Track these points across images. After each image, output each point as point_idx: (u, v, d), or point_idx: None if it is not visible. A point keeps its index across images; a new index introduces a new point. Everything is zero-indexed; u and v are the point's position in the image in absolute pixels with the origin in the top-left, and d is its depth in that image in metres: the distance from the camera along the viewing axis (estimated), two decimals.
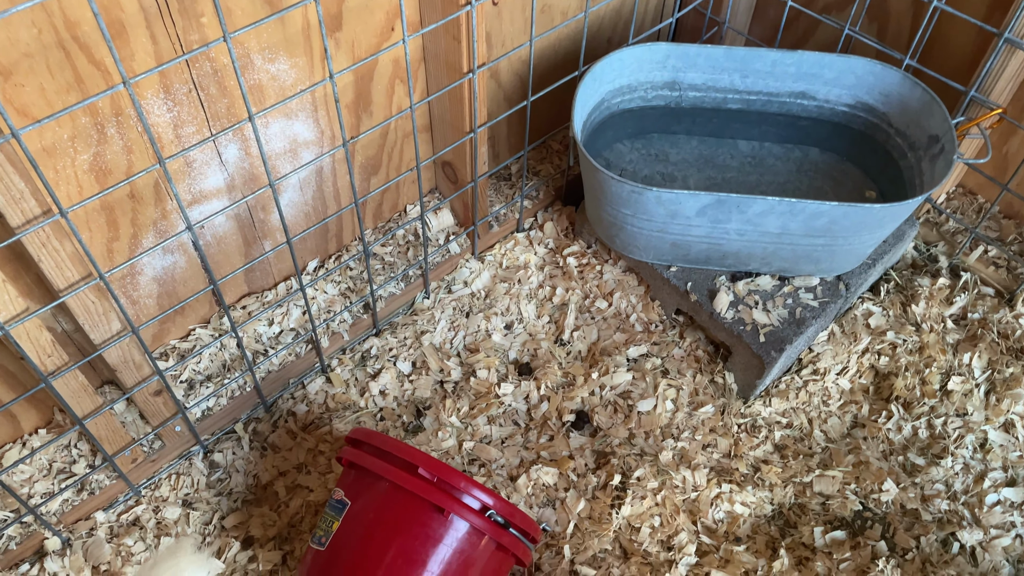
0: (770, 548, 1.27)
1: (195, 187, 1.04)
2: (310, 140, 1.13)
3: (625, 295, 1.44)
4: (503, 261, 1.48)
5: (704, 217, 1.20)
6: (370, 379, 1.35)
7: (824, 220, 1.18)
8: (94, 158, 0.92)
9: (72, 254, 0.86)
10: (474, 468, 1.29)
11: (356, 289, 1.34)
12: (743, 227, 1.22)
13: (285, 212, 1.19)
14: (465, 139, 1.19)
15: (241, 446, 1.27)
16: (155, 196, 1.00)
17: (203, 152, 1.01)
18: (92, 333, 0.94)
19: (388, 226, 1.39)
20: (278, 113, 1.06)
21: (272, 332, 1.27)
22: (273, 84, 1.02)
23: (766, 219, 1.19)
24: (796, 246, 1.25)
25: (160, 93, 0.92)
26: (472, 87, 1.13)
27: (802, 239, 1.23)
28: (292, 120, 1.08)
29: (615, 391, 1.36)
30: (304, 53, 1.02)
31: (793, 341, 1.27)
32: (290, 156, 1.12)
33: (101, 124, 0.89)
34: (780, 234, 1.22)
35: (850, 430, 1.38)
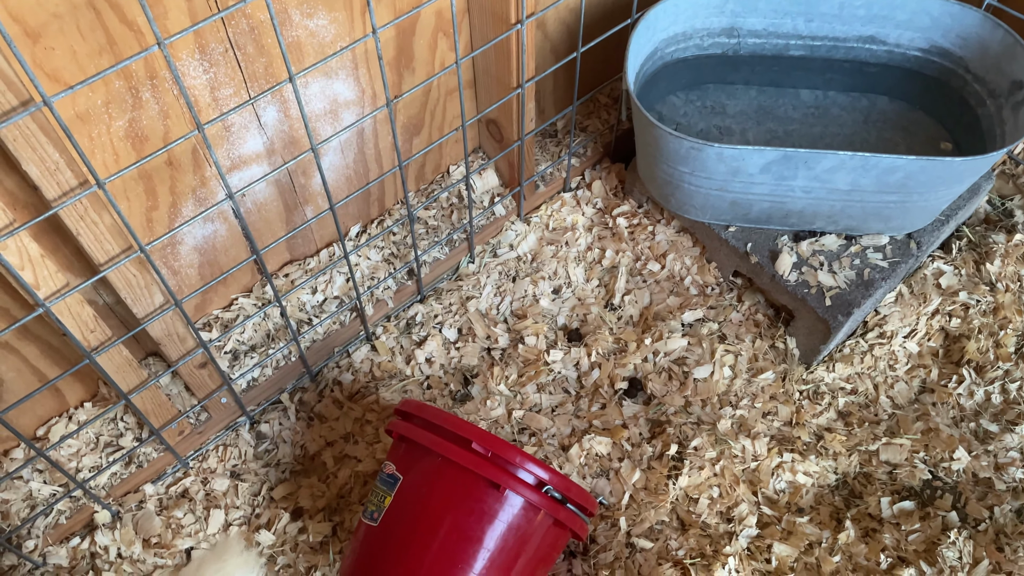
0: (834, 519, 1.22)
1: (234, 152, 0.99)
2: (351, 100, 1.07)
3: (679, 257, 1.38)
4: (550, 223, 1.42)
5: (768, 174, 1.13)
6: (416, 347, 1.31)
7: (899, 175, 1.10)
8: (129, 124, 0.87)
9: (111, 226, 0.82)
10: (524, 437, 1.25)
11: (400, 255, 1.29)
12: (810, 184, 1.14)
13: (327, 176, 1.14)
14: (512, 95, 1.13)
15: (287, 416, 1.25)
16: (193, 163, 0.96)
17: (241, 116, 0.96)
18: (135, 307, 0.91)
19: (431, 188, 1.34)
20: (318, 72, 1.00)
21: (316, 300, 1.23)
22: (312, 41, 0.96)
23: (835, 175, 1.12)
24: (866, 203, 1.17)
25: (196, 54, 0.87)
26: (520, 39, 1.06)
27: (873, 196, 1.15)
28: (332, 79, 1.03)
29: (669, 357, 1.30)
30: (344, 7, 0.96)
31: (861, 304, 1.20)
32: (331, 117, 1.07)
33: (136, 88, 0.85)
34: (850, 191, 1.15)
35: (918, 396, 1.32)
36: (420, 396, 1.28)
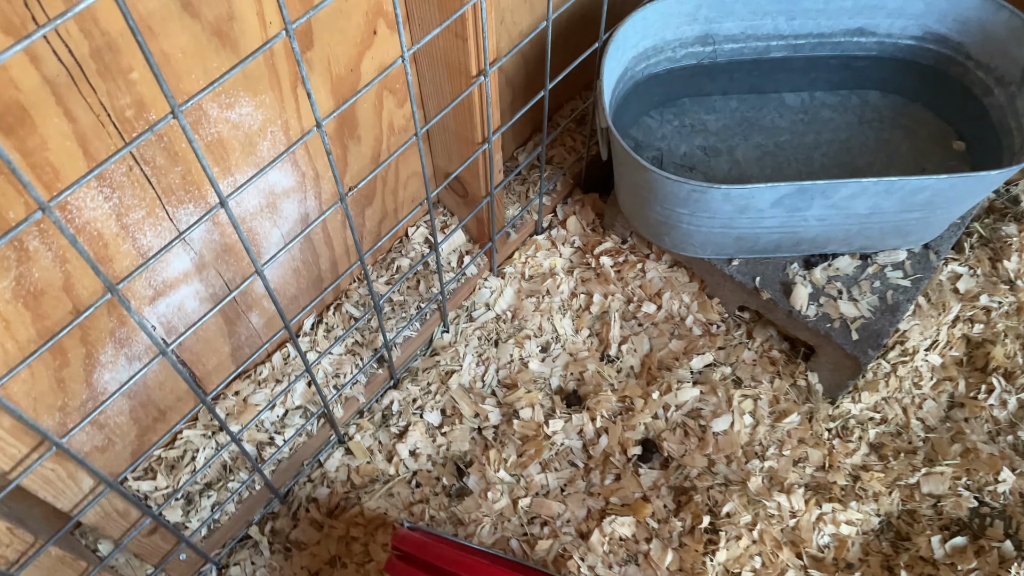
0: (886, 569, 1.11)
1: (156, 279, 0.80)
2: (290, 187, 0.88)
3: (676, 295, 1.23)
4: (526, 271, 1.26)
5: (780, 207, 0.99)
6: (396, 440, 1.13)
7: (926, 195, 0.97)
8: (17, 282, 0.67)
9: (12, 427, 0.62)
10: (536, 528, 1.10)
11: (365, 341, 1.11)
12: (826, 212, 1.01)
13: (271, 275, 0.95)
14: (478, 153, 0.95)
15: (260, 552, 1.06)
16: (107, 304, 0.76)
17: (161, 235, 0.77)
18: (59, 502, 0.71)
19: (389, 258, 1.15)
20: (248, 165, 0.81)
21: (276, 416, 1.04)
22: (236, 134, 0.77)
23: (855, 201, 0.98)
24: (885, 224, 1.04)
25: (92, 183, 0.67)
26: (483, 92, 0.88)
27: (894, 216, 1.02)
28: (267, 170, 0.84)
29: (682, 411, 1.17)
30: (270, 87, 0.77)
31: (890, 333, 1.08)
32: (269, 212, 0.88)
33: (20, 240, 0.65)
34: (869, 215, 1.02)
35: (948, 412, 1.21)
36: (409, 497, 1.11)
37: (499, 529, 1.10)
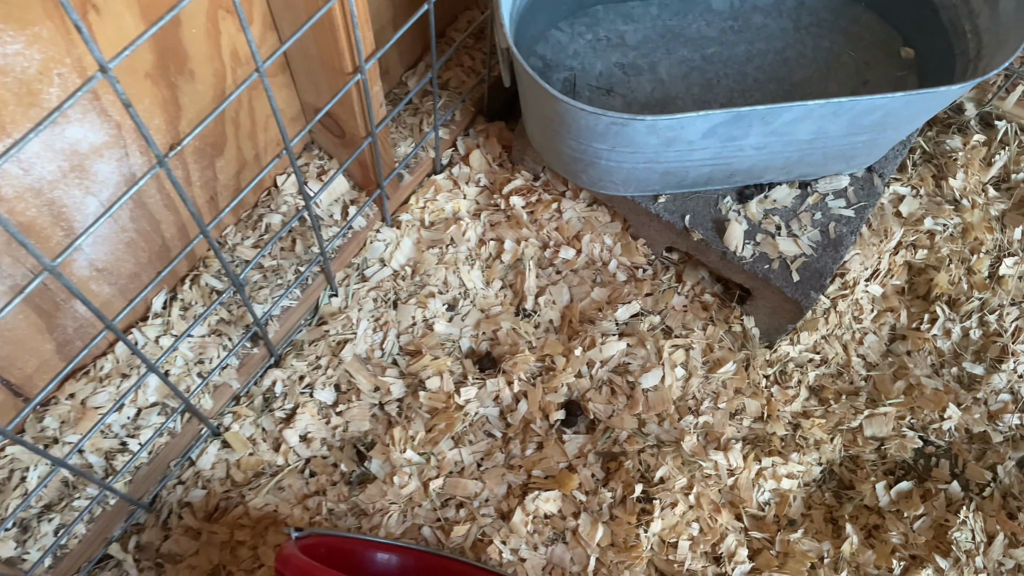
0: (830, 522, 1.03)
1: None
2: (101, 144, 0.69)
3: (597, 237, 1.09)
4: (425, 217, 1.09)
5: (713, 138, 0.84)
6: (283, 426, 0.98)
7: (877, 115, 0.84)
8: None
9: None
10: (451, 512, 0.97)
11: (235, 316, 0.93)
12: (764, 140, 0.86)
13: (95, 252, 0.76)
14: (350, 84, 0.77)
15: (123, 572, 0.90)
16: None
17: None
18: None
19: (257, 214, 0.96)
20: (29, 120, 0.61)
21: (126, 417, 0.87)
22: (5, 81, 0.57)
23: (798, 126, 0.84)
24: (829, 148, 0.91)
25: None
26: (346, 8, 0.69)
27: (840, 140, 0.89)
28: (63, 124, 0.64)
29: (608, 367, 1.04)
30: (47, 15, 0.56)
31: (833, 271, 0.97)
32: (77, 177, 0.68)
33: None
34: (812, 140, 0.88)
35: (889, 346, 1.12)
36: (302, 490, 0.97)
37: (409, 517, 0.97)
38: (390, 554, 0.92)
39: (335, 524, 0.96)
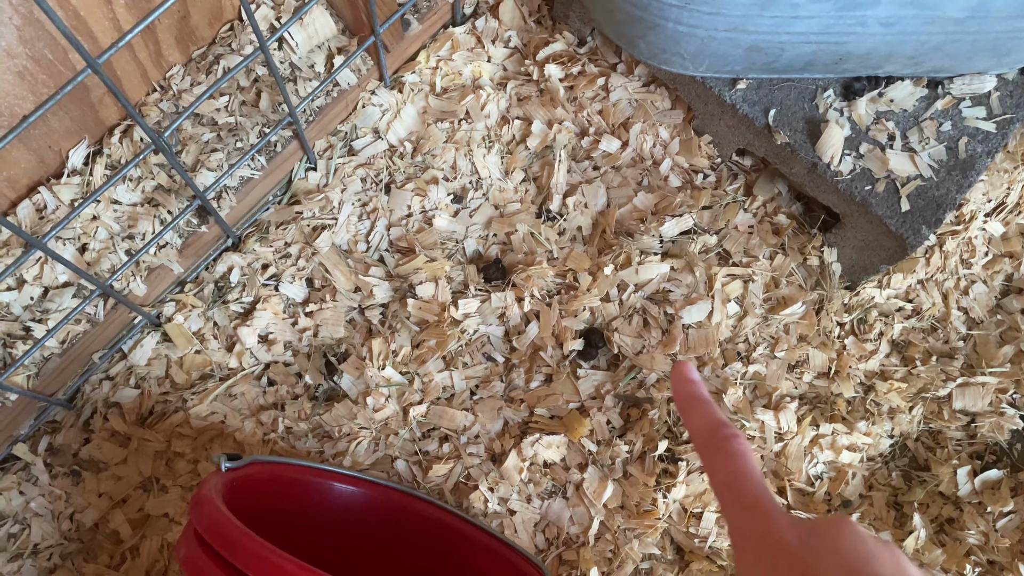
0: (894, 508, 0.84)
1: None
2: None
3: (650, 127, 0.85)
4: (436, 81, 0.87)
5: (828, 2, 0.60)
6: (239, 322, 0.80)
7: None
8: None
9: None
10: (432, 445, 0.80)
11: (177, 185, 0.74)
12: (899, 13, 0.62)
13: None
14: None
15: (34, 476, 0.76)
16: None
17: None
18: None
19: (213, 54, 0.75)
20: None
21: (29, 298, 0.69)
22: None
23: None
24: (983, 34, 0.66)
25: None
26: None
27: (1003, 23, 0.64)
28: None
29: (643, 293, 0.83)
30: None
31: (956, 202, 0.73)
32: None
33: None
34: (965, 19, 0.63)
35: (1001, 300, 0.90)
36: (257, 400, 0.80)
37: (382, 446, 0.80)
38: (353, 487, 0.76)
39: (292, 445, 0.80)
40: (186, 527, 0.59)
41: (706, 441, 0.40)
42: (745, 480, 0.38)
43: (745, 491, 0.37)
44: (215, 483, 0.61)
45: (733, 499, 0.38)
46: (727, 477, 0.38)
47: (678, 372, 0.45)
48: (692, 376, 0.44)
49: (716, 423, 0.40)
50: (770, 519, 0.36)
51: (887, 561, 0.33)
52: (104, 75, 0.48)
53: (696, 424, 0.41)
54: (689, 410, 0.42)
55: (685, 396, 0.43)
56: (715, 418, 0.41)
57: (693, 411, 0.42)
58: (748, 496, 0.37)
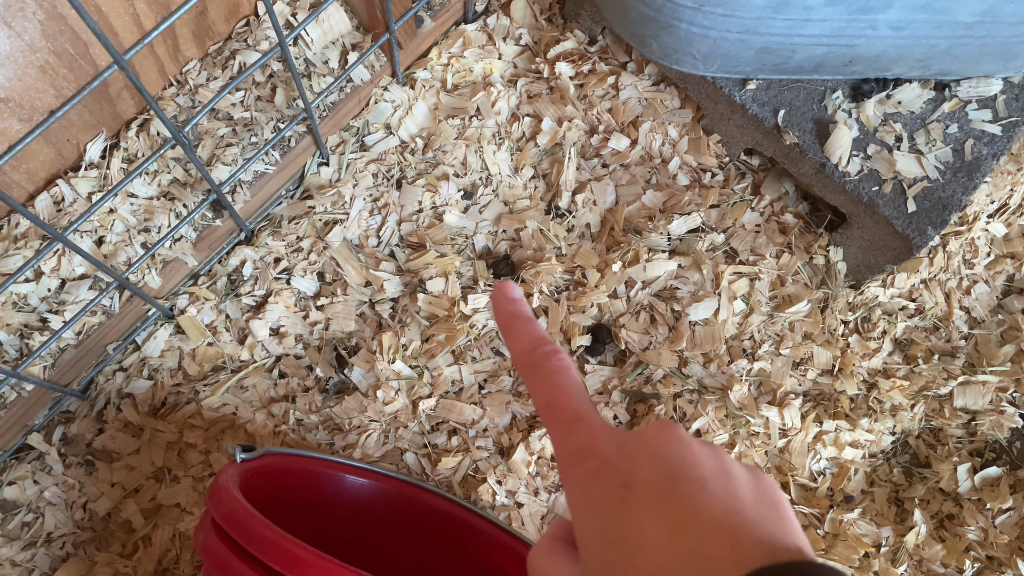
0: (895, 503, 0.85)
1: None
2: None
3: (659, 126, 0.86)
4: (448, 78, 0.87)
5: (840, 5, 0.61)
6: (251, 315, 0.81)
7: None
8: None
9: None
10: (441, 439, 0.81)
11: (192, 179, 0.74)
12: (909, 16, 0.63)
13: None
14: None
15: (47, 465, 0.76)
16: None
17: None
18: None
19: (229, 49, 0.76)
20: None
21: (46, 289, 0.70)
22: None
23: (962, 1, 0.60)
24: (991, 38, 0.67)
25: None
26: None
27: (1011, 27, 0.65)
28: None
29: (651, 290, 0.84)
30: None
31: (962, 203, 0.74)
32: None
33: None
34: (974, 23, 0.64)
35: (1003, 300, 0.91)
36: (269, 392, 0.81)
37: (391, 439, 0.81)
38: (362, 479, 0.77)
39: (303, 437, 0.81)
40: (203, 516, 0.60)
41: (527, 360, 0.37)
42: (565, 396, 0.35)
43: (567, 407, 0.34)
44: (231, 473, 0.62)
45: (554, 415, 0.34)
46: (550, 395, 0.35)
47: (499, 291, 0.41)
48: (514, 295, 0.40)
49: (536, 340, 0.37)
50: (591, 432, 0.33)
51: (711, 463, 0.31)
52: (129, 70, 0.49)
53: (516, 343, 0.38)
54: (510, 329, 0.39)
55: (506, 315, 0.39)
56: (536, 335, 0.38)
57: (514, 330, 0.39)
58: (569, 411, 0.34)
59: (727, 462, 0.32)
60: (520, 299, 0.40)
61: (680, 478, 0.30)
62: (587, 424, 0.34)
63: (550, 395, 0.35)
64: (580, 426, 0.33)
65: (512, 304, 0.40)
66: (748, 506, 0.30)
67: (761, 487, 0.31)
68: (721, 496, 0.30)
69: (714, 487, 0.30)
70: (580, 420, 0.34)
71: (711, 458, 0.31)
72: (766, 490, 0.31)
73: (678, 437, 0.32)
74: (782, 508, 0.31)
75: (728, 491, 0.30)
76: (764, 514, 0.29)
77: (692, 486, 0.30)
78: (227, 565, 0.55)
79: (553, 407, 0.35)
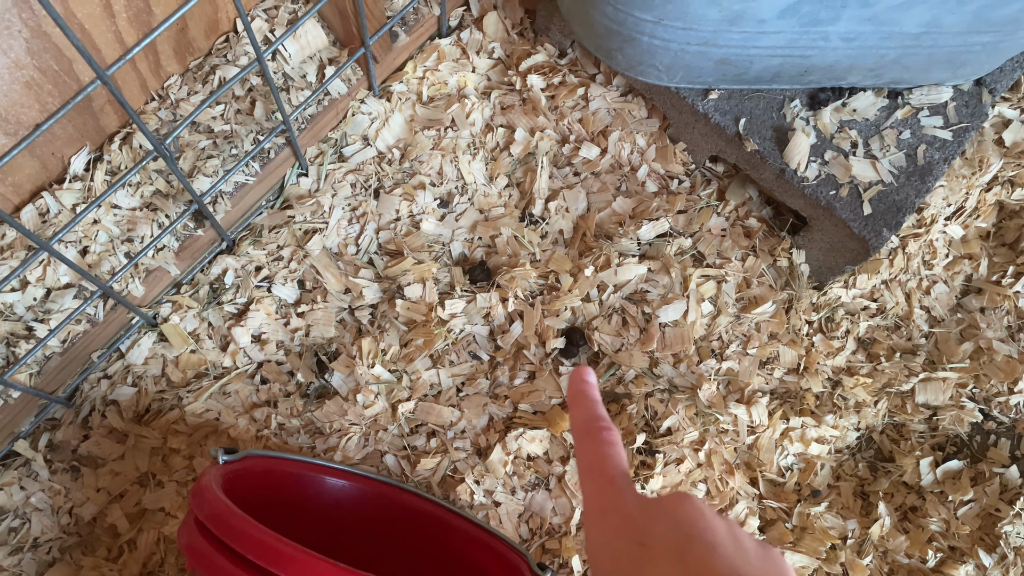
0: (860, 497, 0.88)
1: None
2: None
3: (627, 135, 0.90)
4: (423, 90, 0.90)
5: (792, 18, 0.64)
6: (233, 322, 0.83)
7: (1015, 7, 0.63)
8: None
9: None
10: (420, 440, 0.83)
11: (174, 191, 0.77)
12: (858, 28, 0.66)
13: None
14: None
15: (34, 471, 0.78)
16: None
17: None
18: None
19: (209, 65, 0.78)
20: None
21: (31, 299, 0.72)
22: None
23: (906, 13, 0.64)
24: (938, 48, 0.71)
25: None
26: None
27: (955, 38, 0.69)
28: None
29: (622, 293, 0.87)
30: None
31: (915, 206, 0.78)
32: None
33: None
34: (921, 34, 0.68)
35: (961, 299, 0.95)
36: (251, 398, 0.83)
37: (371, 441, 0.83)
38: (343, 481, 0.79)
39: (285, 441, 0.83)
40: (186, 516, 0.62)
41: (583, 428, 0.42)
42: (607, 463, 0.39)
43: (605, 471, 0.39)
44: (214, 474, 0.64)
45: (592, 476, 0.39)
46: (593, 459, 0.40)
47: (577, 374, 0.46)
48: (588, 379, 0.46)
49: (596, 416, 0.42)
50: (619, 494, 0.37)
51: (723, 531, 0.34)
52: (112, 85, 0.51)
53: (579, 413, 0.43)
54: (576, 403, 0.44)
55: (576, 392, 0.45)
56: (598, 413, 0.43)
57: (580, 403, 0.44)
58: (606, 475, 0.38)
59: (738, 533, 0.35)
60: (593, 384, 0.46)
61: (692, 541, 0.33)
62: (617, 487, 0.38)
63: (593, 459, 0.40)
64: (611, 488, 0.38)
65: (585, 385, 0.45)
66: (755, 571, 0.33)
67: (769, 558, 0.34)
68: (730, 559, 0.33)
69: (723, 551, 0.33)
70: (612, 483, 0.38)
71: (723, 527, 0.35)
72: (774, 560, 0.34)
73: (694, 506, 0.36)
74: None
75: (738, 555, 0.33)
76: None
77: (703, 548, 0.33)
78: (211, 562, 0.57)
79: (593, 470, 0.39)
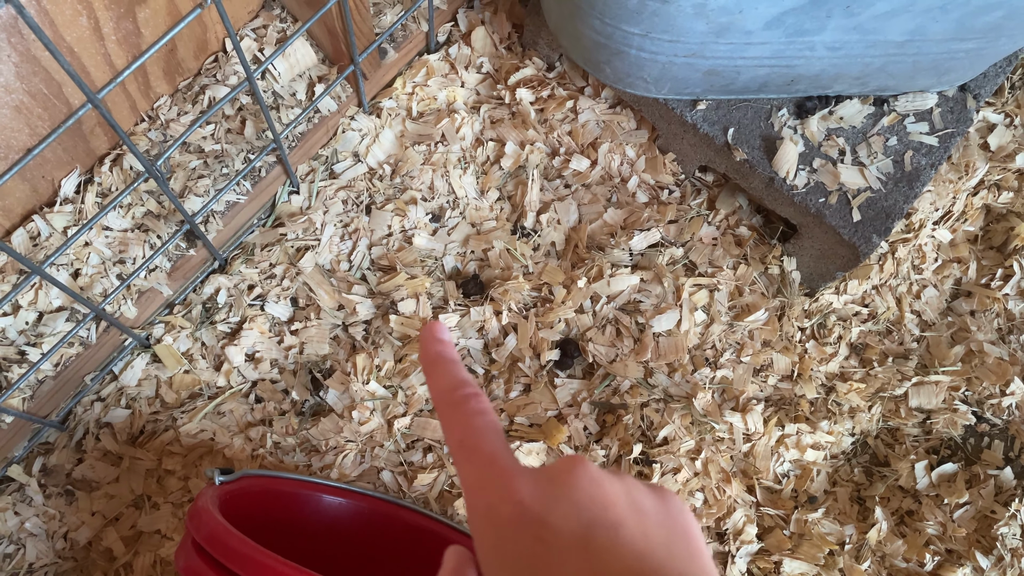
0: (856, 502, 0.88)
1: None
2: None
3: (617, 147, 0.90)
4: (413, 106, 0.90)
5: (778, 29, 0.65)
6: (226, 342, 0.83)
7: (997, 15, 0.64)
8: None
9: None
10: (416, 456, 0.83)
11: (165, 210, 0.77)
12: (843, 38, 0.67)
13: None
14: None
15: (28, 496, 0.78)
16: None
17: None
18: None
19: (198, 85, 0.78)
20: None
21: (23, 322, 0.72)
22: None
23: (890, 23, 0.65)
24: (923, 56, 0.71)
25: None
26: None
27: (939, 45, 0.69)
28: None
29: (615, 304, 0.88)
30: None
31: (903, 212, 0.78)
32: None
33: None
34: (905, 42, 0.68)
35: (951, 303, 0.95)
36: (246, 417, 0.83)
37: (367, 458, 0.83)
38: (340, 498, 0.78)
39: (280, 460, 0.82)
40: (183, 538, 0.62)
41: (445, 398, 0.36)
42: (481, 437, 0.34)
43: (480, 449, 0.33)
44: (211, 495, 0.64)
45: (466, 457, 0.33)
46: (464, 435, 0.34)
47: (428, 330, 0.40)
48: (442, 336, 0.40)
49: (458, 382, 0.37)
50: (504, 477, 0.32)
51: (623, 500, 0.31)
52: (104, 109, 0.51)
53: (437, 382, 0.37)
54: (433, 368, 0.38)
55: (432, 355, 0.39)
56: (458, 377, 0.37)
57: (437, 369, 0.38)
58: (483, 454, 0.33)
59: (637, 496, 0.32)
60: (447, 341, 0.40)
61: (595, 524, 0.30)
62: (499, 467, 0.33)
63: (463, 435, 0.34)
64: (492, 470, 0.33)
65: (439, 344, 0.39)
66: (660, 544, 0.31)
67: (671, 516, 0.32)
68: (635, 540, 0.30)
69: (627, 531, 0.30)
70: (493, 463, 0.33)
71: (622, 495, 0.32)
72: (676, 519, 0.32)
73: (589, 476, 0.32)
74: (692, 538, 0.32)
75: (641, 531, 0.31)
76: (676, 551, 0.31)
77: (607, 532, 0.30)
78: None
79: (465, 447, 0.34)
